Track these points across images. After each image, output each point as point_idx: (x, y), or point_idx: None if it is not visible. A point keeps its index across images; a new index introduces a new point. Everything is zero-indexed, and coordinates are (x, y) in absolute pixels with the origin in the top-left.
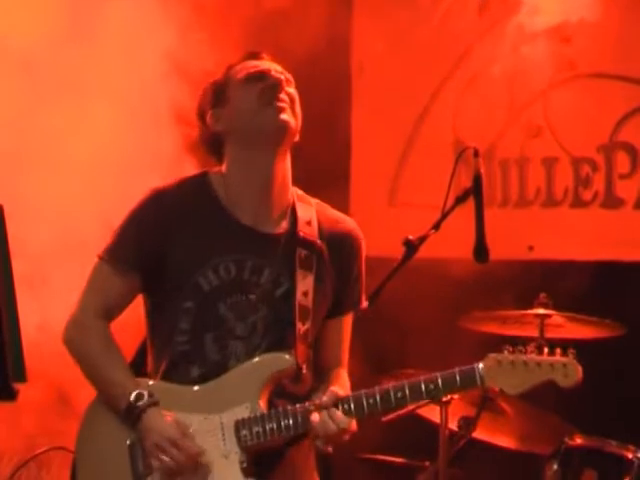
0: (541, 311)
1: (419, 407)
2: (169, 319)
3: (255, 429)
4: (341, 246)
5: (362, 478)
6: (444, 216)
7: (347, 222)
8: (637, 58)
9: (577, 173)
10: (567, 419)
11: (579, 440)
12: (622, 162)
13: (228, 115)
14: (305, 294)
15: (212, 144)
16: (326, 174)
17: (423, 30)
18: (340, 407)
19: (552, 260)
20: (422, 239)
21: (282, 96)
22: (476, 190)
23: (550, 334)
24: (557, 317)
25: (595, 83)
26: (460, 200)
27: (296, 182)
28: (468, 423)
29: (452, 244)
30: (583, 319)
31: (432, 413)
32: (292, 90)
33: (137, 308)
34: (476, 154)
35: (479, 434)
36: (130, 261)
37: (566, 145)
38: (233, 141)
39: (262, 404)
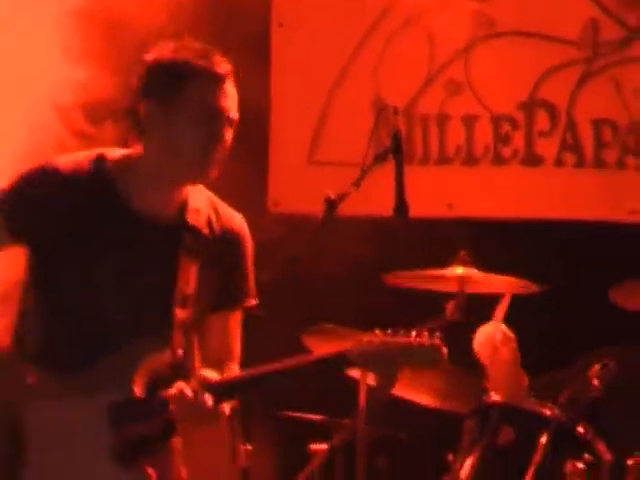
0: (460, 269)
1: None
2: (48, 300)
3: (129, 414)
4: (228, 241)
5: (281, 436)
6: (364, 174)
7: (236, 219)
8: (557, 16)
9: (497, 131)
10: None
11: (497, 397)
12: (542, 120)
13: (161, 130)
14: (187, 282)
15: (132, 123)
16: (245, 133)
17: None
18: (206, 391)
19: (472, 217)
20: (342, 197)
21: (218, 152)
22: (396, 148)
23: (469, 291)
24: (476, 274)
25: (515, 41)
26: (380, 158)
27: None
28: (387, 380)
29: (372, 202)
30: (502, 276)
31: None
32: (229, 135)
33: None
34: (396, 112)
35: (398, 391)
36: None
37: (486, 103)
38: (153, 144)
39: (137, 390)
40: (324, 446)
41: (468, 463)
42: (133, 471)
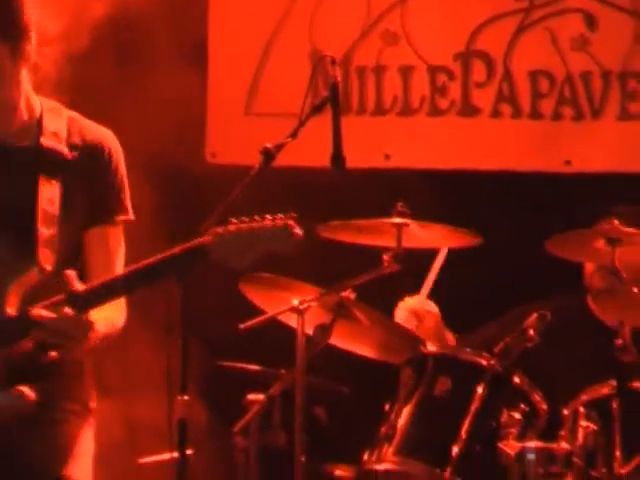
0: (397, 220)
1: (278, 314)
2: None
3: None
4: (95, 157)
5: (218, 386)
6: (301, 124)
7: (100, 132)
8: None
9: (434, 81)
10: None
11: (433, 348)
12: (478, 71)
13: None
14: (50, 201)
15: None
16: (180, 83)
17: None
18: (68, 303)
19: (409, 168)
20: (279, 147)
21: None
22: (333, 98)
23: (407, 243)
24: (414, 226)
25: None
26: (317, 108)
27: (154, 92)
28: (324, 330)
29: (310, 152)
30: (440, 228)
31: (289, 319)
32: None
33: None
34: (333, 63)
35: (335, 341)
36: None
37: (423, 54)
38: None
39: (9, 310)
40: (261, 397)
41: (405, 413)
42: (7, 392)
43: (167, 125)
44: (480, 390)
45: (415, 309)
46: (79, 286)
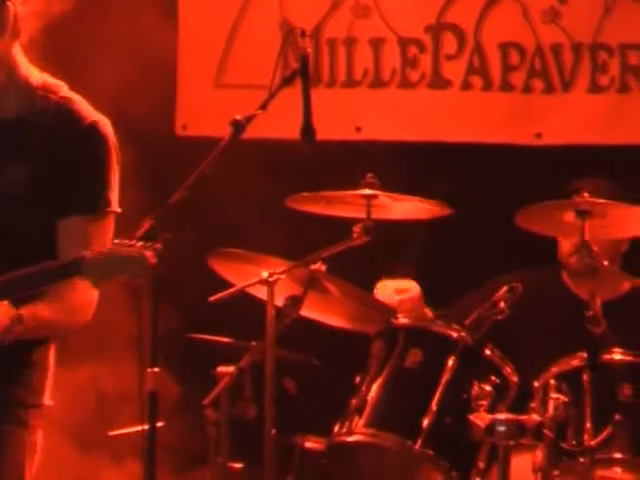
0: (367, 191)
1: (247, 286)
2: None
3: None
4: (77, 142)
5: (188, 359)
6: (271, 96)
7: (94, 118)
8: None
9: (404, 54)
10: None
11: (404, 320)
12: (449, 43)
13: None
14: (16, 183)
15: None
16: (151, 56)
17: None
18: None
19: (379, 141)
20: (249, 119)
21: None
22: (303, 71)
23: (376, 215)
24: (383, 198)
25: None
26: (287, 80)
27: (124, 63)
28: (295, 301)
29: (280, 125)
30: (409, 200)
31: (259, 292)
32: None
33: None
34: (303, 35)
35: (306, 313)
36: None
37: (393, 26)
38: None
39: None
40: (231, 369)
41: (375, 385)
42: None
43: (137, 97)
44: (451, 362)
45: (397, 288)
46: None
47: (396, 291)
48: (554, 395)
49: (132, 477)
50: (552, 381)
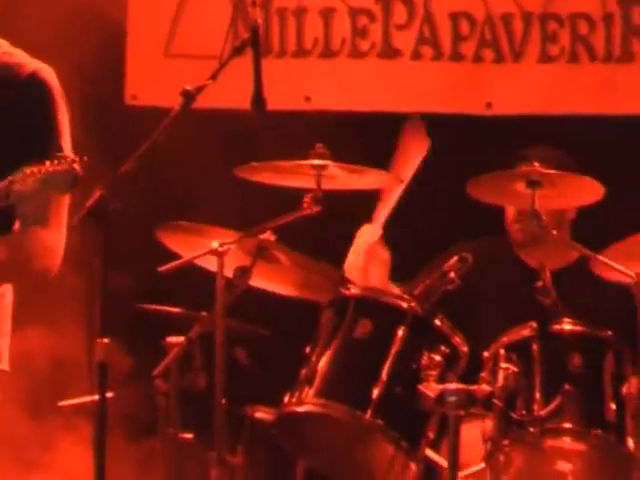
0: (317, 161)
1: (197, 257)
2: None
3: None
4: (18, 91)
5: (138, 329)
6: (221, 66)
7: (29, 66)
8: None
9: (354, 24)
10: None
11: (354, 290)
12: (399, 13)
13: None
14: None
15: None
16: (100, 24)
17: None
18: None
19: (329, 111)
20: (199, 89)
21: None
22: (253, 40)
23: (326, 185)
24: (333, 168)
25: None
26: (237, 50)
27: (72, 33)
28: (244, 272)
29: (230, 95)
30: (359, 170)
31: (209, 262)
32: None
33: None
34: (253, 4)
35: (256, 283)
36: None
37: None
38: None
39: None
40: (181, 339)
41: (325, 355)
42: None
43: (86, 68)
44: (401, 332)
45: (369, 249)
46: None
47: (368, 253)
48: (504, 365)
49: (83, 446)
50: (502, 351)
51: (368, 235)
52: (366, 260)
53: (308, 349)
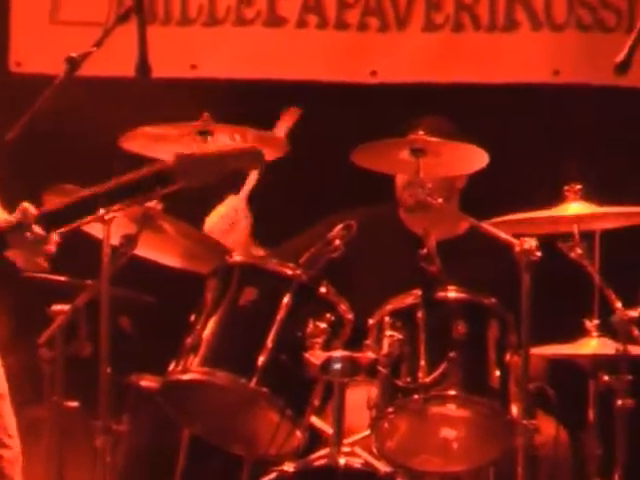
0: (204, 129)
1: (82, 224)
2: None
3: None
4: None
5: (22, 298)
6: (106, 33)
7: None
8: None
9: None
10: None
11: (239, 258)
12: None
13: None
14: None
15: None
16: None
17: None
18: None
19: (215, 79)
20: (84, 56)
21: None
22: (138, 8)
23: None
24: (220, 136)
25: None
26: (122, 18)
27: None
28: (129, 240)
29: (115, 62)
30: (242, 130)
31: (94, 229)
32: None
33: None
34: None
35: (141, 252)
36: None
37: None
38: None
39: None
40: (66, 307)
41: (210, 323)
42: None
43: None
44: (286, 300)
45: (229, 213)
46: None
47: (227, 215)
48: (389, 333)
49: None
50: (387, 318)
51: (232, 202)
52: (225, 222)
53: (193, 317)
